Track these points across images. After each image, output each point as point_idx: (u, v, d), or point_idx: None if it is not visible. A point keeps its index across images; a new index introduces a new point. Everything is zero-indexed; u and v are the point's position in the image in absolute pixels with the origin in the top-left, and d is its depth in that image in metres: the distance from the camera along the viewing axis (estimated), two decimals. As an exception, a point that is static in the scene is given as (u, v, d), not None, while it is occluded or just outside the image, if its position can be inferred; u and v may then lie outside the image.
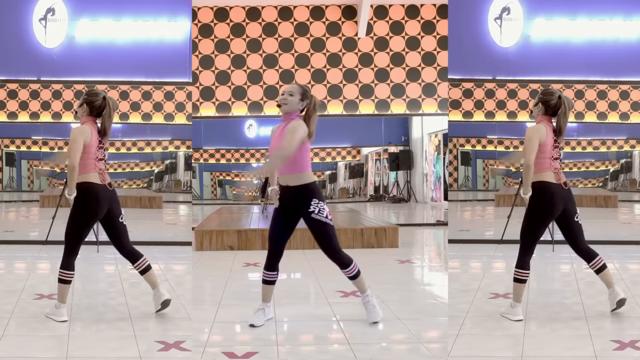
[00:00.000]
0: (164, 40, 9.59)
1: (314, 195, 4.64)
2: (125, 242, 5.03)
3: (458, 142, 11.32)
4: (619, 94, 9.78)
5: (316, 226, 4.65)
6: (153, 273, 5.06)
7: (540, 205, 4.79)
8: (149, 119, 9.89)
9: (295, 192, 4.64)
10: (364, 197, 18.14)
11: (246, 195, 17.95)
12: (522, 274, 4.88)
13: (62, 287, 4.85)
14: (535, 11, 9.53)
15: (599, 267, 4.94)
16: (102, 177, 4.87)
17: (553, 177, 4.80)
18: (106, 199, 4.87)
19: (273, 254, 4.73)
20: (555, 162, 4.83)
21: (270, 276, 4.76)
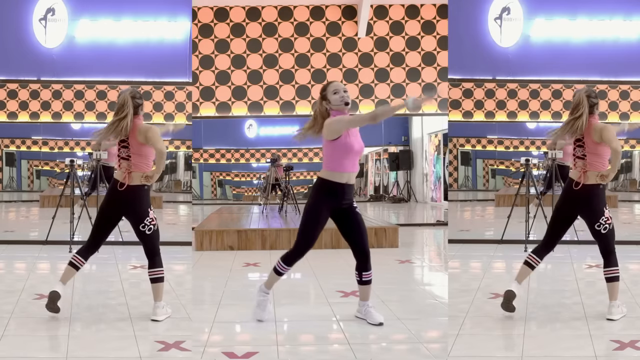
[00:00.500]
0: (164, 40, 9.59)
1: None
2: (144, 248, 4.99)
3: (458, 142, 11.32)
4: (619, 94, 9.78)
5: (360, 221, 4.78)
6: (162, 286, 4.99)
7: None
8: (149, 119, 9.89)
9: (352, 188, 4.75)
10: (364, 197, 18.14)
11: (246, 195, 17.95)
12: (531, 258, 4.98)
13: (69, 269, 4.92)
14: (535, 11, 9.53)
15: (612, 277, 4.89)
16: (123, 176, 4.84)
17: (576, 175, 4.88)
18: (115, 199, 4.85)
19: (306, 249, 4.72)
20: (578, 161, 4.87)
21: (286, 270, 4.80)
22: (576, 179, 4.82)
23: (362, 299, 4.84)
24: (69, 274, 4.93)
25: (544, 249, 5.00)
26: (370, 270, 4.78)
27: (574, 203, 4.84)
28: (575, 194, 4.82)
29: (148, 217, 4.86)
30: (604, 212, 4.81)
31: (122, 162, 4.85)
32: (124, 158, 4.85)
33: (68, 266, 4.93)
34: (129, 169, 4.83)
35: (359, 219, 4.76)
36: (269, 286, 4.86)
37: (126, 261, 7.36)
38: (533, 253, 5.00)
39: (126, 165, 4.84)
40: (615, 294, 4.85)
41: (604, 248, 4.88)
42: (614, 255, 4.88)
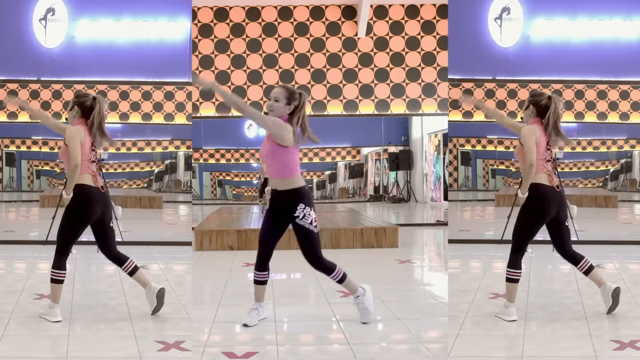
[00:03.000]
0: (164, 40, 9.59)
1: (301, 200, 4.63)
2: (112, 246, 5.04)
3: (458, 142, 11.32)
4: (619, 94, 9.78)
5: (300, 231, 4.67)
6: (142, 272, 5.09)
7: (533, 206, 4.81)
8: (149, 119, 9.89)
9: (283, 196, 4.65)
10: (363, 197, 18.14)
11: (246, 195, 17.95)
12: (514, 273, 4.88)
13: (55, 287, 4.86)
14: (535, 11, 9.53)
15: (587, 268, 4.98)
16: (94, 179, 4.87)
17: (546, 179, 4.80)
18: (99, 201, 4.87)
19: (262, 254, 4.77)
20: (548, 164, 4.82)
21: (262, 276, 4.78)
22: (551, 183, 4.83)
23: (351, 294, 4.87)
24: (59, 290, 4.89)
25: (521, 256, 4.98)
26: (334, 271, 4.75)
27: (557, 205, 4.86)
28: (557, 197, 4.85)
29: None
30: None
31: (91, 165, 4.89)
32: (93, 161, 4.91)
33: (56, 284, 4.86)
34: (97, 171, 4.93)
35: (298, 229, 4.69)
36: (258, 299, 4.84)
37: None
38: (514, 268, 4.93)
39: (95, 168, 4.91)
40: (601, 279, 4.98)
41: (570, 244, 4.97)
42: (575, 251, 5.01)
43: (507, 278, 4.89)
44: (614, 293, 4.89)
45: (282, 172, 4.61)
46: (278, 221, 4.75)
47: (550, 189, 4.79)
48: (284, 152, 4.57)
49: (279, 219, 4.74)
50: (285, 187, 4.63)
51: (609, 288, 4.91)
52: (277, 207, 4.71)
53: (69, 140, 4.78)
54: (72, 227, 4.86)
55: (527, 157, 4.73)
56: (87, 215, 4.84)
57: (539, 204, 4.79)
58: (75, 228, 4.86)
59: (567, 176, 11.26)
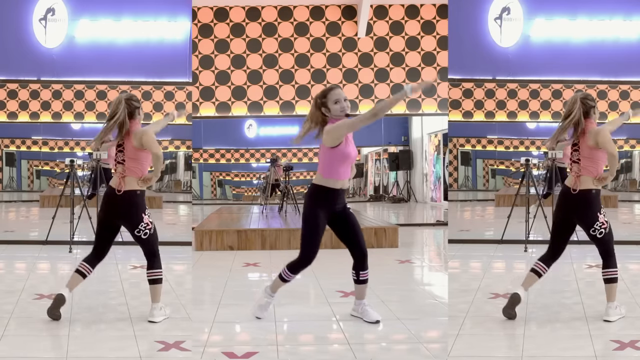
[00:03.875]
0: (164, 40, 9.59)
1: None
2: (143, 250, 4.96)
3: (458, 142, 11.32)
4: (619, 94, 9.78)
5: (355, 220, 4.80)
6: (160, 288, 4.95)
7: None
8: (149, 119, 9.88)
9: (344, 193, 4.77)
10: (363, 197, 18.14)
11: (246, 195, 17.95)
12: (538, 265, 4.99)
13: (75, 276, 4.94)
14: (535, 11, 9.53)
15: (610, 278, 4.87)
16: (117, 182, 4.83)
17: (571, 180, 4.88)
18: (113, 205, 4.83)
19: (310, 260, 4.72)
20: (574, 165, 4.86)
21: (291, 278, 4.86)
22: (571, 185, 4.82)
23: (358, 298, 4.86)
24: (76, 281, 4.92)
25: (551, 256, 4.99)
26: (367, 270, 4.81)
27: (570, 208, 4.84)
28: (570, 200, 4.82)
29: (142, 222, 4.83)
30: (599, 217, 4.78)
31: (117, 166, 4.85)
32: (120, 162, 4.84)
33: (75, 273, 4.92)
34: (123, 173, 4.82)
35: (354, 220, 4.79)
36: (274, 290, 4.91)
37: (126, 261, 7.36)
38: (540, 260, 4.99)
39: (121, 169, 4.82)
40: (613, 295, 4.84)
41: (603, 251, 4.89)
42: (614, 257, 4.87)
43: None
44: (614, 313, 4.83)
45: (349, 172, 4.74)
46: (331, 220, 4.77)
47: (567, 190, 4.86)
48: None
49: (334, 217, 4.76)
50: (347, 185, 4.78)
51: (614, 307, 4.83)
52: (338, 206, 4.74)
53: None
54: (96, 227, 5.01)
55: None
56: (98, 214, 4.96)
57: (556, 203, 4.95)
58: (97, 228, 5.00)
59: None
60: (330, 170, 4.62)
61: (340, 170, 4.63)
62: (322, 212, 4.67)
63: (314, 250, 4.69)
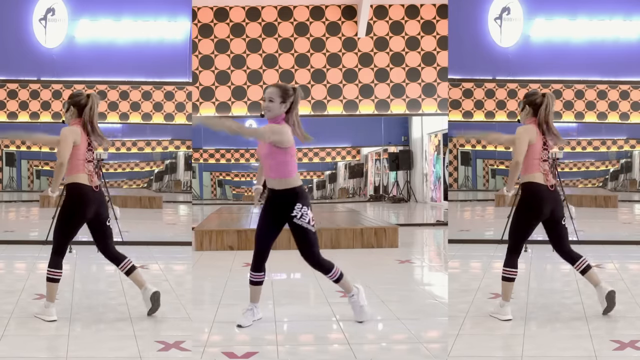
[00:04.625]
0: (164, 40, 9.58)
1: (298, 200, 4.64)
2: (109, 245, 5.05)
3: (458, 142, 11.32)
4: (619, 94, 9.78)
5: (297, 231, 4.68)
6: (139, 272, 5.08)
7: (528, 206, 4.86)
8: (149, 119, 9.89)
9: (280, 196, 4.65)
10: (363, 197, 18.14)
11: (246, 195, 17.95)
12: (510, 272, 4.92)
13: (51, 285, 4.88)
14: (535, 11, 9.53)
15: (584, 267, 4.97)
16: (90, 179, 4.88)
17: (542, 178, 4.83)
18: (94, 201, 4.88)
19: (259, 255, 4.75)
20: (544, 164, 4.84)
21: (258, 277, 4.78)
22: (545, 182, 4.84)
23: (346, 293, 4.88)
24: (55, 289, 4.90)
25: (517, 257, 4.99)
26: (332, 271, 4.76)
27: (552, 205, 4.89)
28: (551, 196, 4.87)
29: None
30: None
31: (88, 164, 4.92)
32: (90, 161, 4.93)
33: (52, 283, 4.88)
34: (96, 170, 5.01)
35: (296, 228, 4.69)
36: (253, 300, 4.83)
37: (126, 261, 7.35)
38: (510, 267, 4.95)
39: (91, 167, 4.93)
40: (597, 278, 4.96)
41: (566, 243, 4.97)
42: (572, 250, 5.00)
43: (503, 277, 4.92)
44: (608, 296, 4.87)
45: (280, 172, 4.61)
46: (274, 221, 4.74)
47: (544, 187, 4.81)
48: (282, 153, 4.57)
49: (276, 218, 4.73)
50: (283, 186, 4.63)
51: (604, 289, 4.90)
52: (274, 207, 4.71)
53: (61, 140, 4.79)
54: (66, 226, 4.89)
55: (514, 156, 4.78)
56: (80, 214, 4.86)
57: (532, 203, 4.84)
58: (70, 227, 4.89)
59: (567, 176, 11.26)
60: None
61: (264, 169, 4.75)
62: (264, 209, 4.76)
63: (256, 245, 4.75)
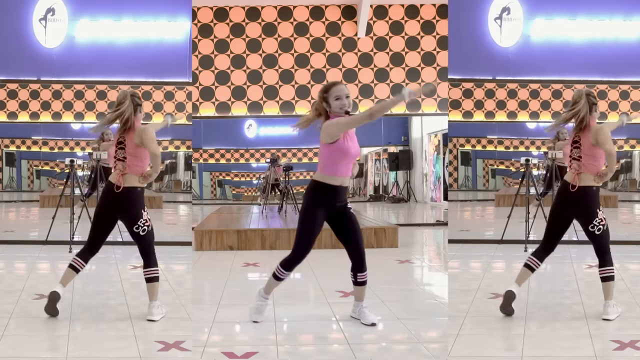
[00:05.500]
0: (164, 40, 9.58)
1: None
2: (139, 248, 5.00)
3: (458, 142, 11.32)
4: (619, 94, 9.78)
5: (354, 221, 4.74)
6: (156, 286, 4.99)
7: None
8: (149, 119, 9.89)
9: (344, 192, 4.71)
10: (363, 197, 18.14)
11: (246, 195, 17.95)
12: (531, 260, 5.00)
13: (69, 272, 4.95)
14: (535, 11, 9.53)
15: (605, 276, 4.92)
16: (117, 178, 4.85)
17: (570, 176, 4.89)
18: (112, 200, 4.86)
19: (304, 255, 4.70)
20: (574, 162, 4.88)
21: (286, 275, 4.80)
22: (570, 181, 4.84)
23: (357, 299, 4.85)
24: (69, 276, 4.96)
25: (544, 251, 5.02)
26: (366, 271, 4.79)
27: (569, 205, 4.87)
28: (569, 196, 4.84)
29: (142, 218, 4.89)
30: (598, 213, 4.83)
31: (117, 163, 4.87)
32: (120, 159, 4.86)
33: (68, 268, 4.95)
34: (123, 170, 4.84)
35: (353, 220, 4.75)
36: (268, 291, 4.87)
37: (126, 261, 7.37)
38: (533, 255, 5.02)
39: (121, 166, 4.85)
40: (610, 293, 4.88)
41: (599, 248, 4.92)
42: (609, 255, 4.92)
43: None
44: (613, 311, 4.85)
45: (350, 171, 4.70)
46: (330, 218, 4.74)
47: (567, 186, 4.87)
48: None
49: (330, 216, 4.73)
50: (348, 183, 4.73)
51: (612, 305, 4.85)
52: (337, 204, 4.70)
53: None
54: (93, 220, 4.98)
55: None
56: (96, 211, 4.95)
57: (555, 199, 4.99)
58: (93, 221, 4.98)
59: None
60: (328, 166, 4.61)
61: (339, 166, 4.60)
62: (319, 209, 4.66)
63: (307, 248, 4.67)
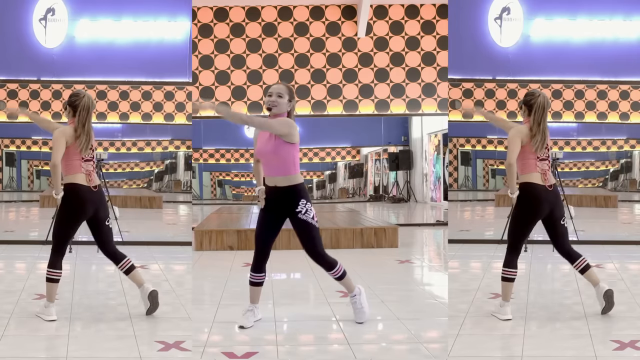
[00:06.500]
0: (164, 40, 9.59)
1: (302, 196, 4.66)
2: (108, 244, 5.07)
3: (458, 142, 11.32)
4: (619, 94, 9.78)
5: (302, 226, 4.68)
6: (138, 272, 5.11)
7: (526, 206, 4.86)
8: (149, 119, 9.89)
9: (284, 193, 4.65)
10: (363, 197, 18.14)
11: (246, 195, 17.95)
12: (510, 272, 4.94)
13: (51, 286, 4.91)
14: (535, 11, 9.53)
15: (583, 267, 5.00)
16: (88, 179, 4.89)
17: (539, 178, 4.83)
18: (91, 200, 4.90)
19: (260, 255, 4.75)
20: (542, 163, 4.84)
21: (258, 278, 4.78)
22: (543, 182, 4.86)
23: (348, 292, 4.87)
24: (54, 289, 4.93)
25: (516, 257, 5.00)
26: (335, 268, 4.76)
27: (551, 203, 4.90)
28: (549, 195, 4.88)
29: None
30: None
31: (86, 164, 4.93)
32: (88, 160, 4.93)
33: (50, 283, 4.91)
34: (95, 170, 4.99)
35: (301, 225, 4.69)
36: (253, 301, 4.83)
37: (126, 261, 7.35)
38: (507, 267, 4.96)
39: (90, 166, 4.94)
40: (596, 278, 4.98)
41: (566, 241, 4.99)
42: (572, 248, 5.03)
43: (503, 277, 4.94)
44: (606, 295, 4.89)
45: (286, 169, 4.61)
46: (276, 220, 4.74)
47: (541, 187, 4.82)
48: (289, 149, 4.58)
49: (277, 217, 4.74)
50: (287, 183, 4.63)
51: (602, 288, 4.92)
52: (277, 205, 4.70)
53: (53, 141, 4.83)
54: (64, 226, 4.93)
55: (507, 157, 4.80)
56: (77, 214, 4.90)
57: (530, 203, 4.85)
58: (68, 227, 4.93)
59: (567, 176, 11.26)
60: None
61: (265, 166, 4.71)
62: (264, 210, 4.75)
63: (258, 247, 4.73)
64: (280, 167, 4.61)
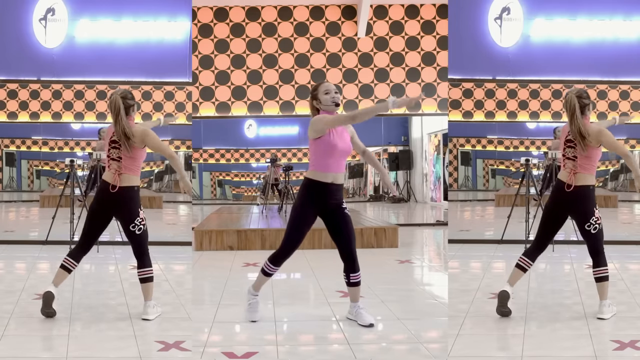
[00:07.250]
0: (164, 40, 9.59)
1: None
2: (133, 248, 4.97)
3: (458, 142, 11.32)
4: (619, 94, 9.78)
5: (347, 221, 4.73)
6: (151, 286, 5.00)
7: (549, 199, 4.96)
8: (149, 119, 9.88)
9: (337, 189, 4.69)
10: (363, 197, 18.14)
11: (246, 195, 17.95)
12: (522, 260, 4.99)
13: (61, 272, 4.94)
14: (535, 11, 9.53)
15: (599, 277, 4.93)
16: (113, 177, 4.83)
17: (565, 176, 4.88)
18: (105, 200, 4.84)
19: (290, 250, 4.73)
20: (568, 162, 4.88)
21: (273, 270, 4.81)
22: (566, 180, 4.84)
23: (352, 300, 4.85)
24: (62, 277, 4.95)
25: (536, 250, 5.02)
26: (358, 272, 4.78)
27: (565, 204, 4.86)
28: (565, 196, 4.84)
29: (138, 217, 4.87)
30: (594, 212, 4.84)
31: (111, 162, 4.84)
32: (114, 159, 4.83)
33: (60, 269, 4.94)
34: (119, 170, 4.81)
35: (347, 220, 4.73)
36: (257, 288, 4.88)
37: (126, 261, 7.36)
38: (524, 255, 5.01)
39: (116, 166, 4.82)
40: (605, 293, 4.90)
41: (593, 248, 4.91)
42: (603, 255, 4.92)
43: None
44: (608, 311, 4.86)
45: (344, 167, 4.71)
46: (315, 216, 4.74)
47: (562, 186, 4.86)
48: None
49: (323, 214, 4.73)
50: (342, 181, 4.72)
51: (607, 305, 4.87)
52: (329, 202, 4.68)
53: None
54: (86, 219, 4.97)
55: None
56: (90, 210, 4.93)
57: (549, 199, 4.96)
58: (86, 220, 4.96)
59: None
60: (318, 162, 4.63)
61: (328, 162, 4.61)
62: (310, 207, 4.67)
63: (295, 244, 4.70)
64: (343, 164, 4.71)
